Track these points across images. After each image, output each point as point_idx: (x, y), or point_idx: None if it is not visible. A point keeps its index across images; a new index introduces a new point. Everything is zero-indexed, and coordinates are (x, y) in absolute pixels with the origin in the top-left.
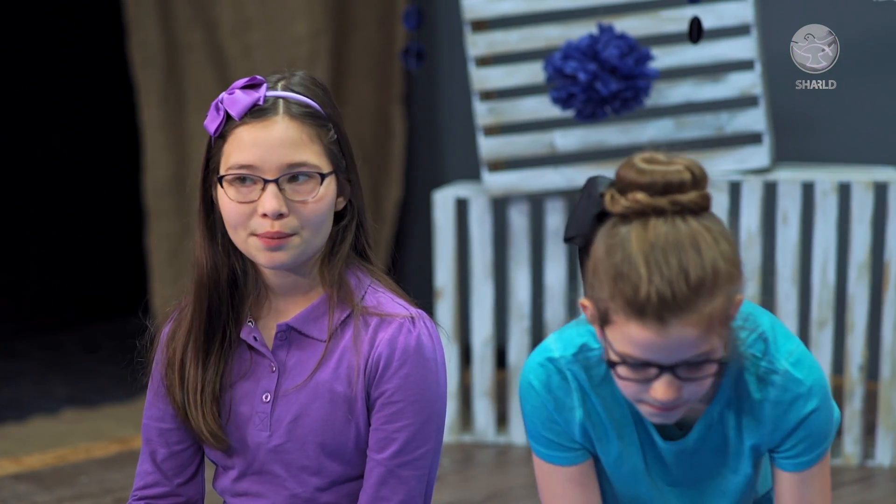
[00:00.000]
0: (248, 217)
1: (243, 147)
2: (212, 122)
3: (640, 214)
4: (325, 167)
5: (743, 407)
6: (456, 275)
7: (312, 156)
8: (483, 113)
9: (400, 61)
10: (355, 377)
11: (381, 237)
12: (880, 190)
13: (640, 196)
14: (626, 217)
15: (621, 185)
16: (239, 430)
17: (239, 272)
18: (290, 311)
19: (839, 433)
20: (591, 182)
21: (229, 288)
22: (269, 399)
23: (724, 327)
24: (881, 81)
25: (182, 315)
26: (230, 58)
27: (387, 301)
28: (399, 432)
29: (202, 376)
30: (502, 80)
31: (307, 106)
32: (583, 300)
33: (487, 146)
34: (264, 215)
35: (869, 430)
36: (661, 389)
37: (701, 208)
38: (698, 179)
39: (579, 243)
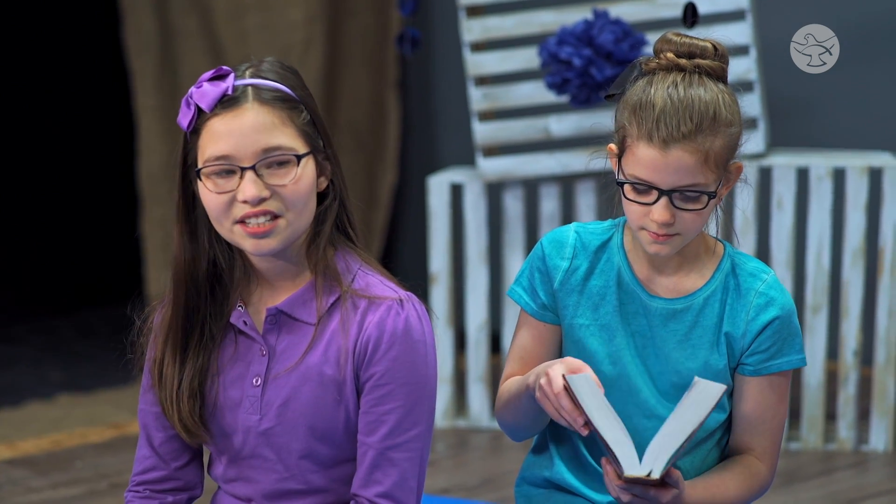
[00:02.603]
0: (230, 206)
1: (217, 138)
2: (184, 118)
3: (666, 70)
4: (301, 148)
5: (729, 296)
6: (450, 260)
7: (286, 139)
8: (478, 98)
9: (395, 47)
10: (344, 360)
11: (375, 223)
12: (875, 175)
13: (669, 55)
14: (654, 73)
15: (655, 52)
16: (228, 414)
17: (223, 263)
18: (280, 295)
19: (833, 417)
20: (634, 60)
21: (209, 282)
22: (259, 383)
23: (720, 171)
24: (876, 67)
25: (162, 312)
26: (225, 44)
27: (376, 283)
28: (389, 415)
29: (178, 373)
30: (497, 66)
31: (276, 90)
32: (609, 145)
33: (482, 132)
34: (245, 202)
35: (863, 416)
36: (658, 211)
37: (717, 76)
38: (721, 53)
39: (616, 98)
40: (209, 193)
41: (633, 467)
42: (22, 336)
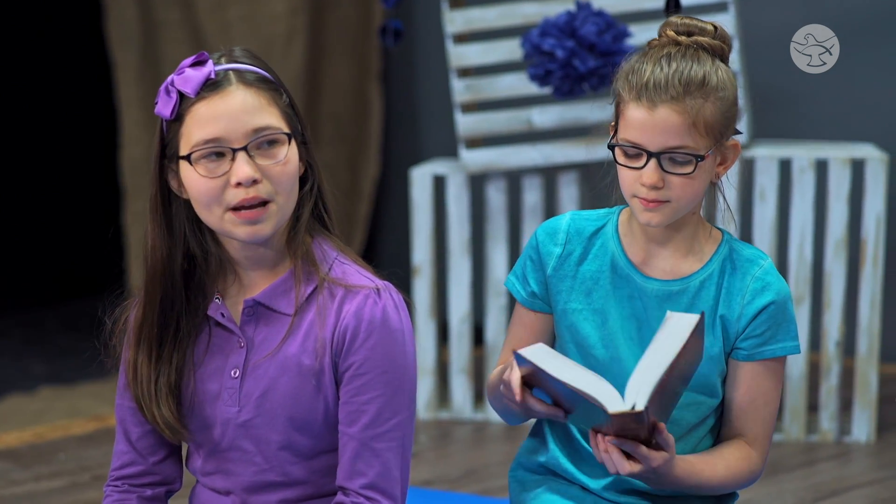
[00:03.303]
0: (221, 191)
1: (205, 122)
2: (165, 106)
3: (664, 46)
4: (287, 129)
5: (726, 280)
6: (433, 252)
7: (274, 119)
8: (460, 90)
9: (377, 39)
10: (321, 350)
11: (358, 215)
12: (857, 167)
13: (669, 32)
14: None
15: (658, 34)
16: (207, 407)
17: (199, 256)
18: (258, 286)
19: (816, 408)
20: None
21: (183, 277)
22: (237, 375)
23: (711, 139)
24: (859, 59)
25: (134, 311)
26: (208, 35)
27: (353, 273)
28: (369, 404)
29: (155, 371)
30: (480, 57)
31: (257, 73)
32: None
33: (465, 123)
34: (238, 185)
35: (845, 407)
36: (647, 174)
37: (716, 54)
38: (721, 34)
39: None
40: (199, 179)
41: (616, 404)
42: (5, 329)
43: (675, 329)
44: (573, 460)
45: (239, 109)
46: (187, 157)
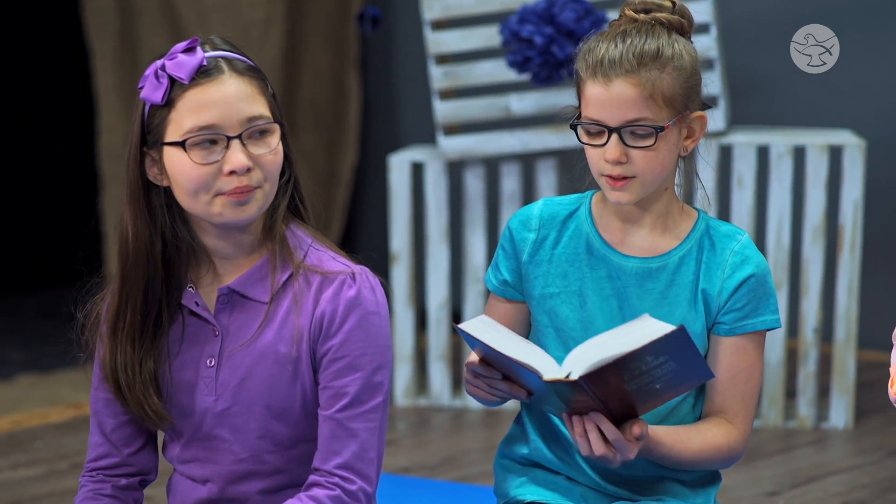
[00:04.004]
0: (213, 178)
1: (199, 108)
2: (156, 91)
3: (622, 25)
4: (275, 119)
5: (705, 254)
6: (411, 239)
7: (264, 108)
8: (438, 77)
9: (355, 25)
10: (299, 337)
11: (336, 201)
12: (835, 153)
13: (628, 11)
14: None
15: (619, 13)
16: (184, 397)
17: (171, 244)
18: (232, 274)
19: (793, 395)
20: None
21: (164, 263)
22: (213, 364)
23: (671, 110)
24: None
25: (108, 301)
26: (185, 22)
27: (328, 259)
28: (347, 387)
29: (139, 357)
30: (458, 44)
31: (246, 62)
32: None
33: (443, 110)
34: (231, 173)
35: (823, 393)
36: (609, 149)
37: (675, 29)
38: (679, 9)
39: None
40: (192, 166)
41: (552, 371)
42: None
43: (644, 332)
44: (556, 451)
45: (233, 97)
46: (181, 144)
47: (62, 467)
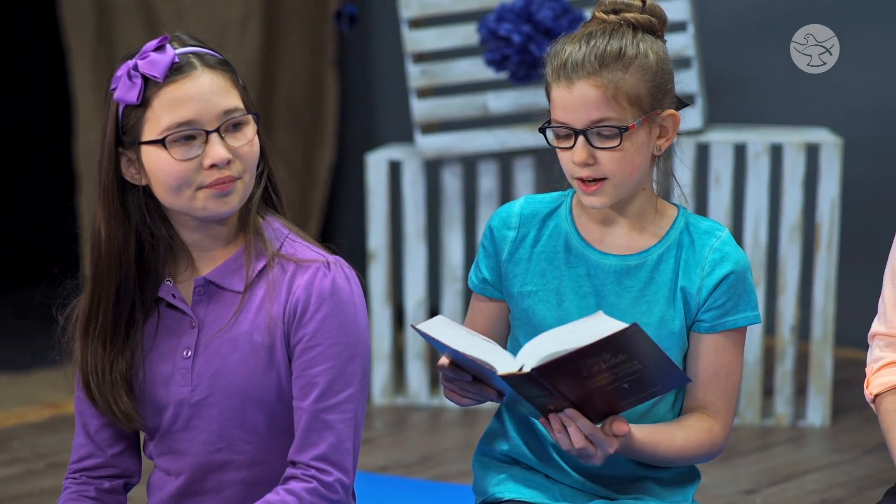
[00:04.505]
0: (194, 173)
1: (176, 105)
2: (130, 91)
3: (590, 26)
4: (248, 110)
5: (684, 252)
6: (389, 237)
7: (238, 101)
8: (416, 75)
9: (332, 24)
10: (273, 325)
11: (314, 200)
12: (812, 151)
13: (598, 13)
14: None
15: (591, 15)
16: (159, 390)
17: (147, 242)
18: (209, 266)
19: (771, 393)
20: None
21: (137, 262)
22: (189, 355)
23: (637, 109)
24: None
25: (81, 302)
26: (162, 20)
27: (303, 249)
28: (320, 376)
29: (109, 358)
30: (435, 42)
31: (216, 56)
32: None
33: (420, 108)
34: (212, 166)
35: (800, 391)
36: (577, 152)
37: (645, 29)
38: (649, 8)
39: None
40: (172, 163)
41: (506, 366)
42: None
43: (597, 329)
44: (535, 449)
45: (208, 92)
46: (161, 142)
47: (39, 467)
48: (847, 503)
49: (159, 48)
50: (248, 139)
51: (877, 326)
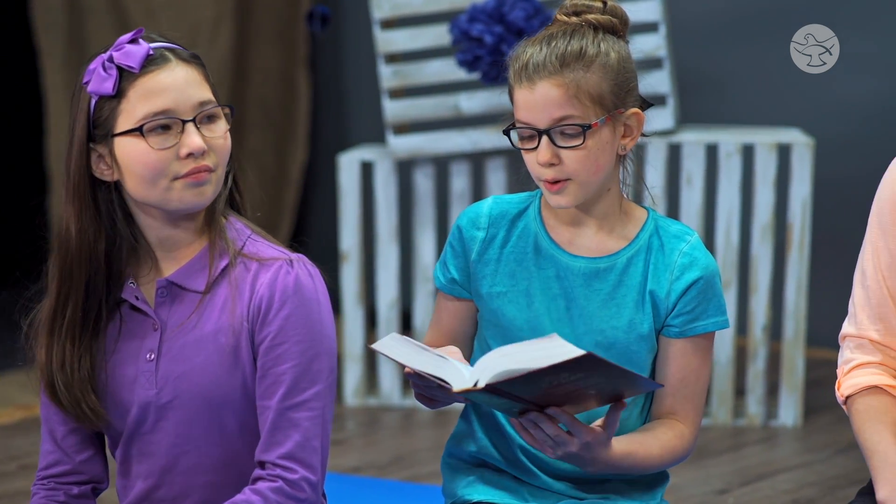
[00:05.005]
0: (170, 163)
1: (153, 95)
2: (105, 82)
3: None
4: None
5: (653, 255)
6: (361, 238)
7: (210, 94)
8: (388, 76)
9: (304, 24)
10: (238, 325)
11: (286, 201)
12: (783, 151)
13: (560, 16)
14: None
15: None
16: (123, 392)
17: (113, 240)
18: (172, 267)
19: (743, 393)
20: None
21: (106, 258)
22: (152, 357)
23: (599, 107)
24: (785, 43)
25: (45, 301)
26: (134, 21)
27: (265, 248)
28: (285, 374)
29: (78, 354)
30: (407, 43)
31: (187, 51)
32: None
33: (392, 109)
34: (189, 155)
35: (772, 391)
36: (541, 152)
37: (607, 30)
38: (610, 8)
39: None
40: (150, 152)
41: (461, 382)
42: None
43: (553, 352)
44: (502, 450)
45: (183, 83)
46: (139, 130)
47: (11, 469)
48: (819, 503)
49: (133, 41)
50: (221, 132)
51: (847, 328)
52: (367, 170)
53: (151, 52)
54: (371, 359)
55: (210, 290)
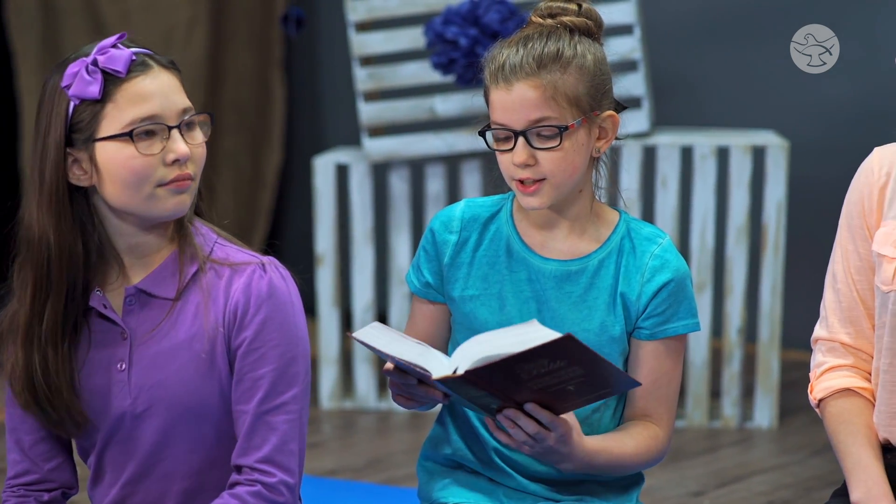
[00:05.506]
0: (156, 168)
1: (140, 100)
2: (90, 86)
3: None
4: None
5: (625, 258)
6: (337, 241)
7: (188, 101)
8: (363, 78)
9: (279, 27)
10: (213, 331)
11: (261, 203)
12: (758, 153)
13: (534, 18)
14: None
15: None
16: (97, 402)
17: (87, 246)
18: (139, 274)
19: (718, 395)
20: None
21: (84, 263)
22: (123, 367)
23: (576, 109)
24: (759, 46)
25: (18, 310)
26: (108, 23)
27: (234, 252)
28: (263, 378)
29: (62, 360)
30: (382, 46)
31: (165, 58)
32: None
33: (367, 112)
34: (175, 161)
35: (747, 393)
36: (517, 153)
37: (582, 32)
38: (585, 11)
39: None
40: (135, 157)
41: (441, 370)
42: None
43: (530, 336)
44: (477, 452)
45: (169, 90)
46: (128, 134)
47: None
48: None
49: (114, 46)
50: (200, 140)
51: (819, 331)
52: (342, 172)
53: (135, 58)
54: (347, 361)
55: (181, 297)
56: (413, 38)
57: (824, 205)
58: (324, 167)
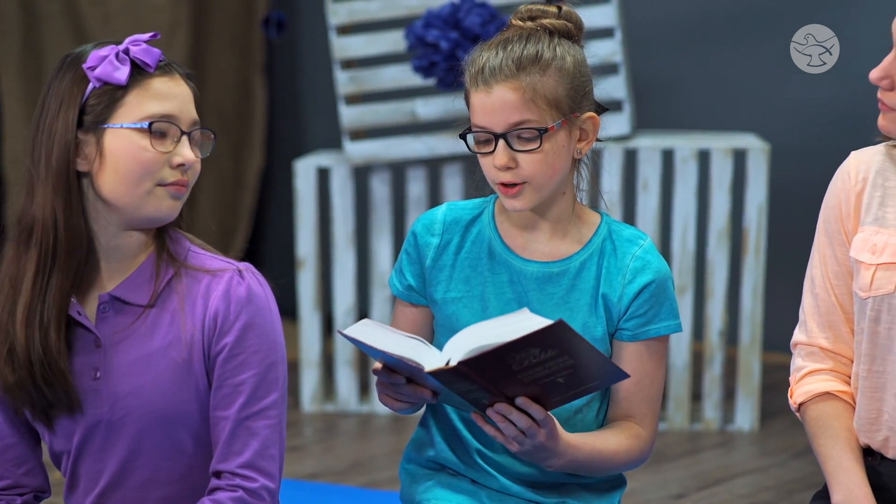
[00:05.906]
0: (161, 167)
1: (161, 97)
2: (117, 71)
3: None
4: None
5: (606, 259)
6: (318, 244)
7: (198, 116)
8: (344, 82)
9: (261, 30)
10: (191, 338)
11: (242, 207)
12: (739, 157)
13: (514, 21)
14: None
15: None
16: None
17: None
18: (114, 280)
19: (699, 397)
20: None
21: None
22: (98, 376)
23: (556, 111)
24: (740, 49)
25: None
26: (89, 27)
27: (209, 259)
28: (244, 384)
29: (63, 342)
30: (363, 49)
31: (183, 68)
32: None
33: (349, 115)
34: (180, 165)
35: (728, 395)
36: (497, 155)
37: (559, 32)
38: (565, 14)
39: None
40: (146, 150)
41: (433, 363)
42: None
43: (523, 325)
44: (460, 454)
45: (186, 97)
46: (147, 126)
47: None
48: None
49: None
50: (199, 156)
51: (798, 336)
52: (323, 176)
53: (163, 59)
54: (329, 365)
55: (155, 304)
56: (394, 41)
57: (805, 208)
58: (305, 170)
